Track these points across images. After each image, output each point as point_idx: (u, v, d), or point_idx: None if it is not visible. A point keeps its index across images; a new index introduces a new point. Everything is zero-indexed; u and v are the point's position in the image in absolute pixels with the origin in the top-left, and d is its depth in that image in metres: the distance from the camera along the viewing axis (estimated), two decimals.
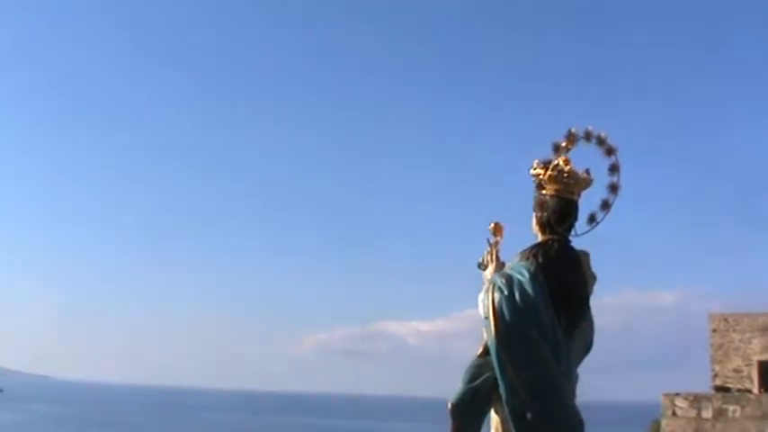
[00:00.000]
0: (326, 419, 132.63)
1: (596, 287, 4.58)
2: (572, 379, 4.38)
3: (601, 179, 4.54)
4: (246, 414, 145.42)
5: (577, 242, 4.53)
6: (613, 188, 4.55)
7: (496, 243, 4.66)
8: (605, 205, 4.55)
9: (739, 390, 29.90)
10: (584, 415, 4.37)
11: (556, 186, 4.45)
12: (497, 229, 4.68)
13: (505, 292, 4.20)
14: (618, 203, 4.58)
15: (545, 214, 4.47)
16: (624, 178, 4.55)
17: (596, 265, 4.53)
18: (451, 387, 4.40)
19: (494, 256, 4.61)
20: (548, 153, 4.53)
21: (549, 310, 4.22)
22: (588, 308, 4.51)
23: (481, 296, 4.32)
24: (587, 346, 4.51)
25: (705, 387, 31.02)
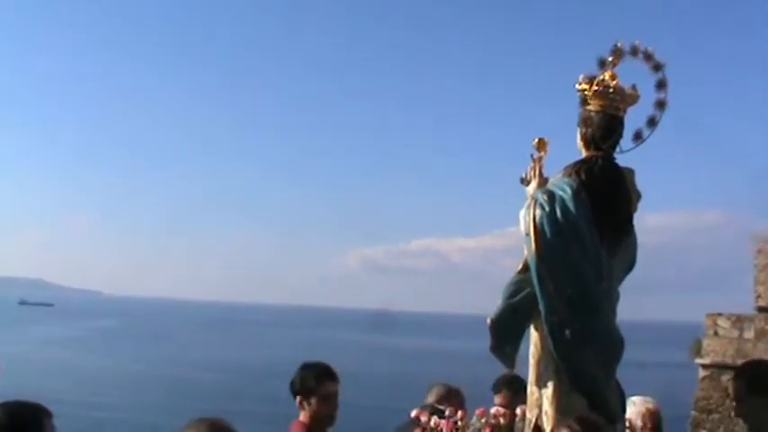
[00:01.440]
0: (367, 335, 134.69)
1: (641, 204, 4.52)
2: (613, 297, 4.33)
3: (648, 95, 4.40)
4: (291, 329, 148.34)
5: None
6: (660, 104, 4.40)
7: (540, 158, 4.54)
8: (652, 122, 4.42)
9: None
10: (627, 334, 4.34)
11: (601, 102, 4.33)
12: (541, 145, 4.57)
13: (547, 209, 4.13)
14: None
15: (589, 130, 4.36)
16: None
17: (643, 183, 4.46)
18: (496, 303, 4.39)
19: (537, 172, 4.50)
20: (594, 69, 4.40)
21: (590, 227, 4.15)
22: (632, 225, 4.43)
23: (522, 212, 4.24)
24: (630, 264, 4.45)
25: (749, 309, 30.82)
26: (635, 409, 4.94)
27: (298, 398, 4.72)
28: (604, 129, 4.32)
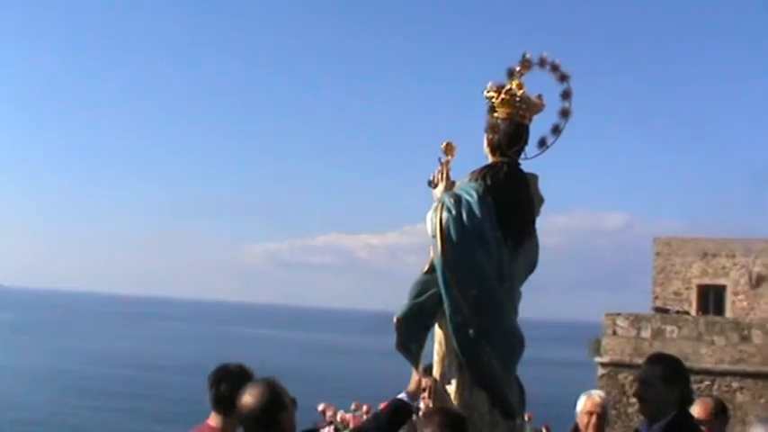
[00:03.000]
0: (272, 330, 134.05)
1: (545, 207, 4.71)
2: (515, 298, 4.54)
3: (553, 105, 4.59)
4: (193, 323, 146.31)
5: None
6: (565, 113, 4.60)
7: (447, 162, 4.68)
8: (556, 130, 4.62)
9: (678, 311, 30.91)
10: (528, 332, 4.53)
11: (508, 110, 4.50)
12: (449, 149, 4.70)
13: (453, 212, 4.28)
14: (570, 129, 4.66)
15: (496, 137, 4.53)
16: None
17: (550, 187, 4.65)
18: (401, 301, 4.51)
19: (444, 175, 4.64)
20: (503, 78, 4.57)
21: (495, 230, 4.33)
22: (534, 229, 4.63)
23: (430, 215, 4.39)
24: (531, 266, 4.65)
25: (646, 308, 31.98)
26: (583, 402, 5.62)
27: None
28: (510, 135, 4.50)
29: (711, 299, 33.11)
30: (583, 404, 5.61)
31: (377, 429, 3.89)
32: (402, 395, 4.10)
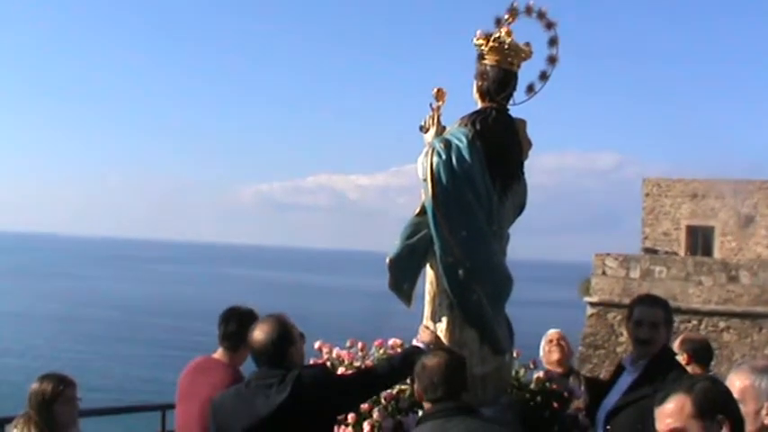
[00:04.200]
0: (264, 271, 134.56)
1: (532, 151, 4.86)
2: (503, 239, 4.73)
3: (541, 52, 4.71)
4: (185, 265, 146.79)
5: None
6: (552, 60, 4.72)
7: (438, 108, 4.82)
8: (543, 76, 4.75)
9: (667, 252, 31.22)
10: (518, 272, 4.72)
11: (496, 57, 4.62)
12: (440, 95, 4.83)
13: (443, 157, 4.43)
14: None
15: (485, 83, 4.66)
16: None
17: (542, 128, 4.78)
18: (393, 241, 4.69)
19: (435, 120, 4.78)
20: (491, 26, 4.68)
21: (484, 174, 4.49)
22: (522, 172, 4.81)
23: (420, 159, 4.54)
24: (520, 208, 4.84)
25: (636, 249, 32.27)
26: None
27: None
28: (499, 82, 4.64)
29: (700, 239, 33.37)
30: (543, 341, 5.84)
31: (390, 369, 4.05)
32: (418, 343, 4.30)
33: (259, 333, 3.87)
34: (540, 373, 4.89)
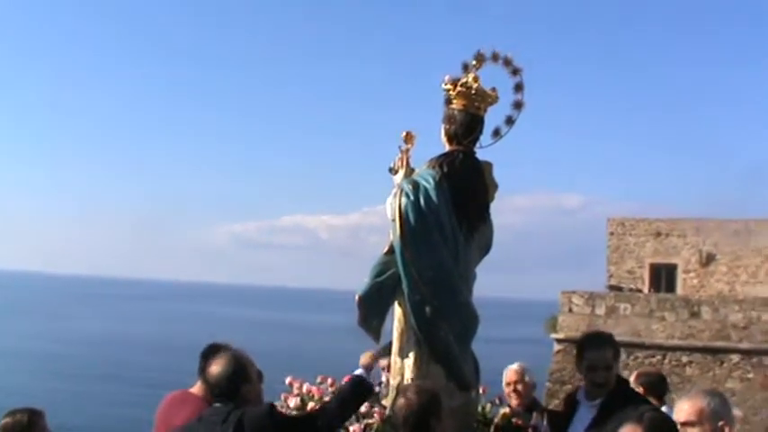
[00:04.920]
0: (240, 308, 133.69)
1: (498, 193, 5.03)
2: (469, 278, 4.87)
3: (507, 97, 4.91)
4: (162, 302, 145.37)
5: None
6: (517, 105, 4.92)
7: (407, 150, 5.00)
8: (509, 121, 4.94)
9: (631, 289, 31.56)
10: (487, 310, 4.86)
11: (463, 101, 4.81)
12: (409, 138, 5.02)
13: (411, 198, 4.60)
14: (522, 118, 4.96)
15: (453, 127, 4.84)
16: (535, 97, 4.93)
17: (512, 170, 4.95)
18: (363, 279, 4.81)
19: (404, 162, 4.96)
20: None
21: (450, 215, 4.65)
22: (488, 214, 4.96)
23: (390, 199, 4.71)
24: (486, 249, 4.99)
25: (602, 287, 32.58)
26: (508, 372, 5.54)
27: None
28: (466, 126, 4.82)
29: (663, 277, 33.83)
30: (504, 377, 5.56)
31: (339, 406, 4.04)
32: (359, 371, 4.32)
33: (215, 367, 3.90)
34: (506, 409, 5.00)
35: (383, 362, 5.60)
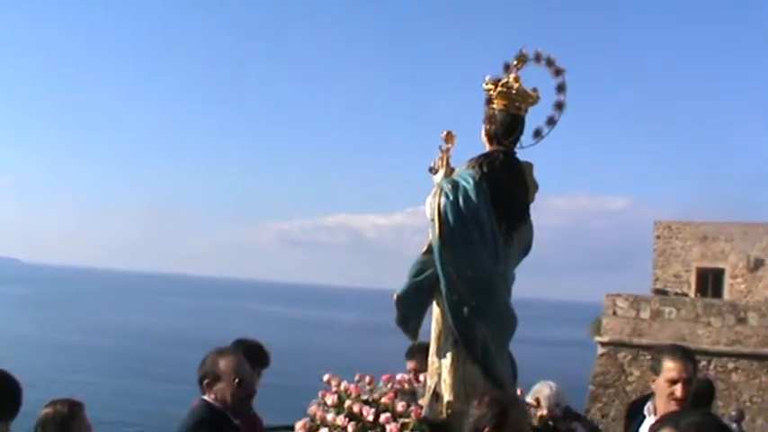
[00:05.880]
0: (284, 307, 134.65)
1: (542, 193, 5.00)
2: (508, 279, 4.83)
3: (549, 97, 4.87)
4: (209, 300, 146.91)
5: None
6: (559, 106, 4.87)
7: (447, 150, 4.98)
8: (551, 121, 4.89)
9: (677, 293, 31.18)
10: (532, 312, 4.85)
11: (504, 101, 4.78)
12: (449, 138, 5.00)
13: (451, 198, 4.58)
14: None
15: (493, 127, 4.81)
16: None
17: (551, 170, 4.92)
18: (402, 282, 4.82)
19: (444, 162, 4.94)
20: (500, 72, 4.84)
21: (490, 215, 4.62)
22: (528, 214, 4.92)
23: (429, 199, 4.69)
24: (526, 249, 4.95)
25: (647, 290, 32.24)
26: (540, 393, 5.28)
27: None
28: (506, 126, 4.78)
29: (710, 281, 33.35)
30: (532, 393, 5.29)
31: None
32: None
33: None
34: (544, 412, 4.97)
35: (410, 364, 5.60)
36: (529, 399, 5.20)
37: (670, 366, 4.27)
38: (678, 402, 4.25)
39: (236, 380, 3.84)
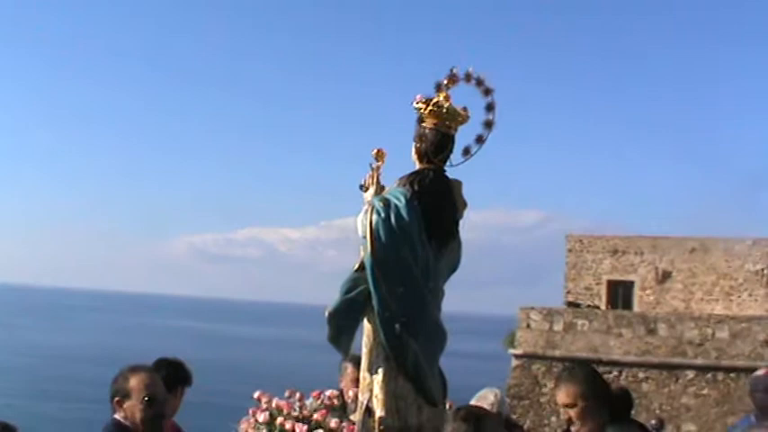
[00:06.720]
0: (202, 323, 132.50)
1: (467, 210, 5.08)
2: (438, 295, 4.90)
3: (478, 116, 4.96)
4: (120, 315, 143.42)
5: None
6: (488, 124, 4.96)
7: (378, 168, 5.03)
8: (479, 140, 4.98)
9: (588, 306, 31.95)
10: (448, 324, 4.90)
11: (435, 120, 4.85)
12: (380, 155, 5.05)
13: (382, 215, 4.63)
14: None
15: (423, 145, 4.88)
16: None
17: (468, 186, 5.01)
18: (324, 293, 4.83)
19: (375, 180, 5.00)
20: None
21: (421, 232, 4.69)
22: (457, 231, 5.00)
23: (360, 217, 4.73)
24: (455, 265, 5.03)
25: (559, 303, 32.94)
26: (485, 400, 5.45)
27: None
28: (437, 144, 4.86)
29: (621, 294, 34.25)
30: (476, 399, 5.50)
31: None
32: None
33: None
34: None
35: (352, 373, 5.66)
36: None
37: (558, 394, 4.30)
38: (575, 423, 4.20)
39: (146, 398, 3.73)
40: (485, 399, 5.40)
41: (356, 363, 5.68)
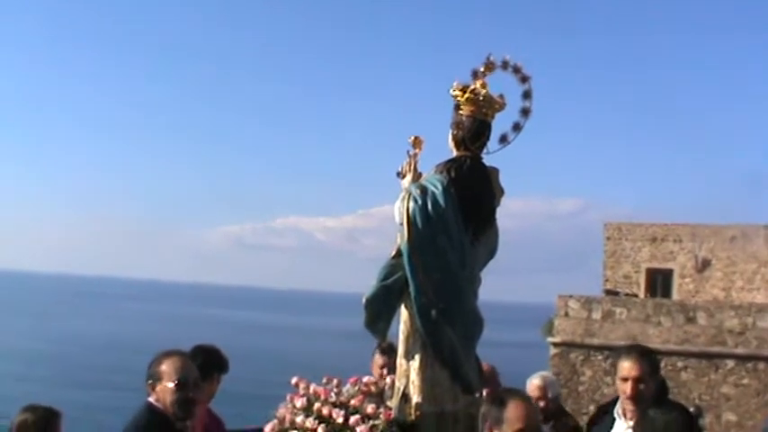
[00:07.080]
0: (239, 311, 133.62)
1: (504, 197, 5.08)
2: (475, 282, 4.92)
3: (515, 104, 4.96)
4: (158, 304, 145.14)
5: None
6: (525, 112, 4.98)
7: (415, 155, 5.05)
8: (516, 127, 5.00)
9: (627, 294, 31.70)
10: (485, 313, 4.91)
11: (471, 108, 4.86)
12: (417, 143, 5.07)
13: (419, 202, 4.65)
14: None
15: (460, 132, 4.89)
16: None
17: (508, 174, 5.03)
18: (361, 282, 4.86)
19: (412, 167, 5.01)
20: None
21: (457, 219, 4.70)
22: (494, 218, 5.01)
23: (397, 204, 4.76)
24: (491, 253, 5.04)
25: (597, 291, 32.71)
26: (532, 383, 5.76)
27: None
28: (473, 132, 4.86)
29: (659, 282, 33.92)
30: (527, 389, 5.63)
31: None
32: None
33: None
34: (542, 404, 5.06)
35: (380, 360, 5.73)
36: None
37: (621, 365, 4.49)
38: (629, 400, 4.40)
39: (177, 381, 3.79)
40: (531, 382, 5.56)
41: (382, 350, 5.75)
